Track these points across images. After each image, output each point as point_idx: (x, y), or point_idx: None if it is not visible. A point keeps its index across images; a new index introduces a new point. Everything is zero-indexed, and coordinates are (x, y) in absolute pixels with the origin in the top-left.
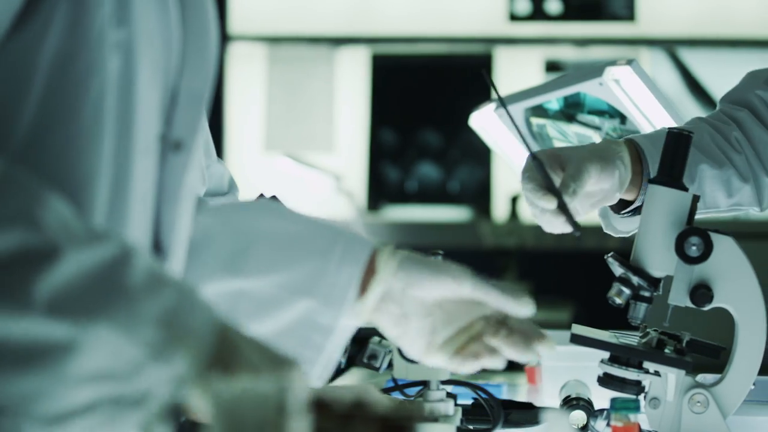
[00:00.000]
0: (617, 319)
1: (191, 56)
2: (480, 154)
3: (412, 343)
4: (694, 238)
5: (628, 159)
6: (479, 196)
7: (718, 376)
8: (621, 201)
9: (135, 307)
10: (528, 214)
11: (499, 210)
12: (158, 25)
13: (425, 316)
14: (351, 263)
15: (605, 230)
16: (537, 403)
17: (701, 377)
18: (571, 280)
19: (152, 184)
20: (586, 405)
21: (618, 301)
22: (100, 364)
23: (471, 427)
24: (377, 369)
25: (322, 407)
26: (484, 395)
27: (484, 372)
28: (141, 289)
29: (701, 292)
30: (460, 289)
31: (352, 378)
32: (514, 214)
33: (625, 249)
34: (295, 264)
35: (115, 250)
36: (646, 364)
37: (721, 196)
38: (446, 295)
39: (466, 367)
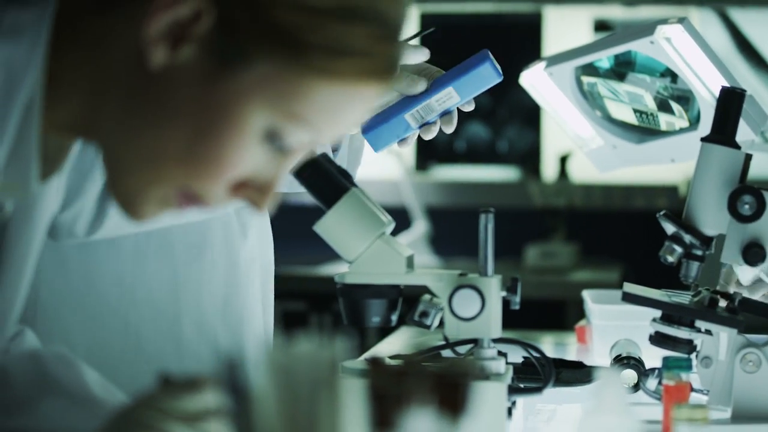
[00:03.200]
0: (667, 279)
1: None
2: (529, 114)
3: None
4: (747, 196)
5: None
6: (528, 155)
7: None
8: None
9: None
10: (577, 174)
11: (548, 170)
12: None
13: None
14: None
15: None
16: (587, 363)
17: (754, 337)
18: (620, 240)
19: None
20: (636, 364)
21: (670, 259)
22: None
23: (522, 385)
24: (428, 327)
25: (375, 365)
26: (535, 354)
27: (534, 331)
28: None
29: (754, 250)
30: None
31: (402, 337)
32: (563, 173)
33: (676, 208)
34: None
35: None
36: (698, 323)
37: None
38: None
39: None
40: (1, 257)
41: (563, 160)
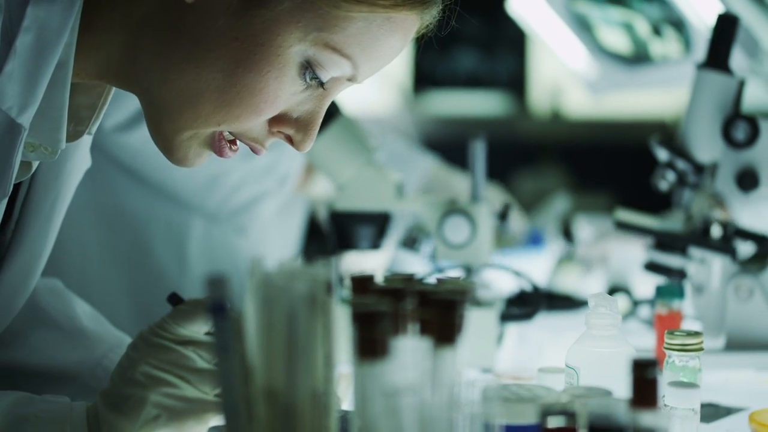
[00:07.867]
0: (660, 210)
1: None
2: (518, 42)
3: None
4: (741, 123)
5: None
6: (516, 84)
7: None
8: None
9: None
10: (568, 109)
11: (538, 99)
12: None
13: None
14: None
15: None
16: (580, 292)
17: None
18: (609, 173)
19: None
20: (629, 293)
21: (663, 186)
22: None
23: (512, 312)
24: (417, 251)
25: (358, 283)
26: (526, 281)
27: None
28: None
29: (748, 178)
30: None
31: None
32: (553, 108)
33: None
34: None
35: None
36: (692, 251)
37: None
38: None
39: None
40: (29, 214)
41: (553, 95)
